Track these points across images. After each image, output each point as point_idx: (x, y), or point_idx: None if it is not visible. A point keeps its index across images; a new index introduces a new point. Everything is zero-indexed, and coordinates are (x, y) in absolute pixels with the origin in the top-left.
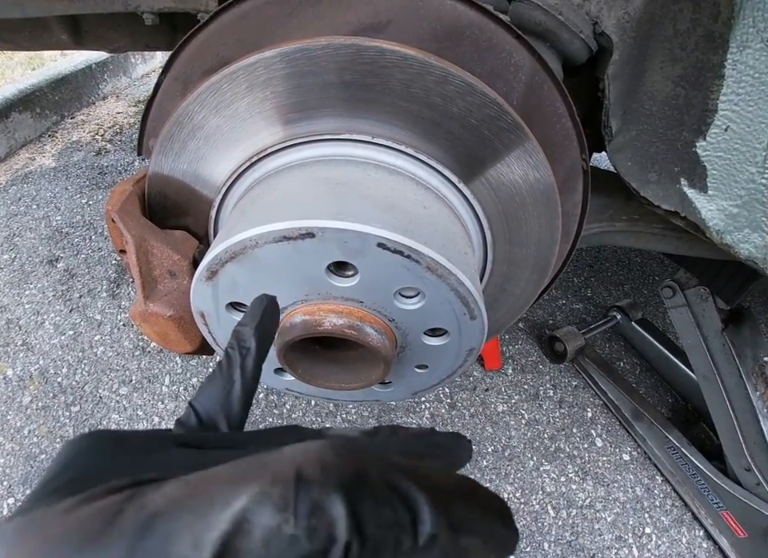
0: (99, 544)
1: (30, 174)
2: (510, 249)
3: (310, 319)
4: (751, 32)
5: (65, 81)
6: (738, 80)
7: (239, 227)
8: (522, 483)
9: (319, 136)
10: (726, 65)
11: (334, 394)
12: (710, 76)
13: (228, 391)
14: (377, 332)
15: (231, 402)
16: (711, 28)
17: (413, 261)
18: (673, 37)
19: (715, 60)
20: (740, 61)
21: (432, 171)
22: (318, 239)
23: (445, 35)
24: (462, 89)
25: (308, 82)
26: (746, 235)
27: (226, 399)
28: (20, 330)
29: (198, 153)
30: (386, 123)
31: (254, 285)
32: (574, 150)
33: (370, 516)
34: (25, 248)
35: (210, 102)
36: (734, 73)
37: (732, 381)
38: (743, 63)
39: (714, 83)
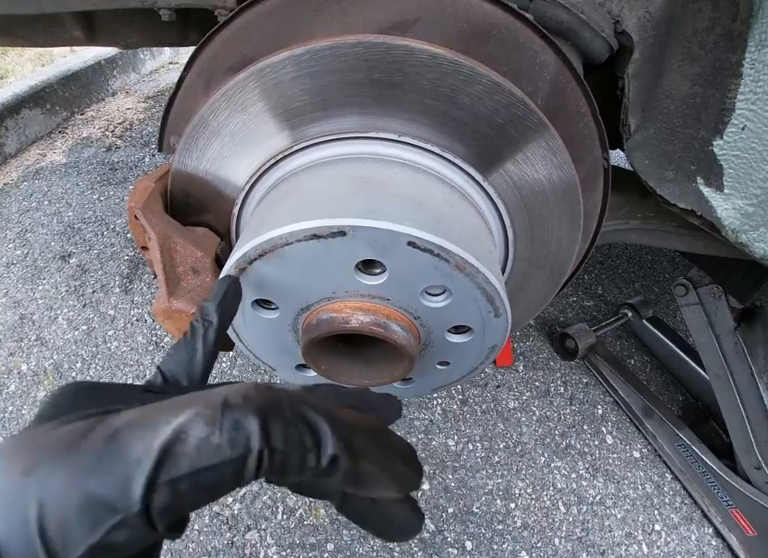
0: (76, 450)
1: (41, 170)
2: (531, 247)
3: (338, 316)
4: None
5: (74, 77)
6: (755, 79)
7: (268, 225)
8: (533, 479)
9: (345, 134)
10: (744, 64)
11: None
12: (727, 75)
13: (191, 357)
14: (403, 330)
15: (193, 366)
16: (730, 27)
17: (442, 259)
18: (692, 35)
19: (733, 59)
20: (758, 61)
21: (457, 169)
22: (348, 237)
23: (472, 34)
24: (489, 89)
25: (336, 80)
26: (761, 234)
27: (189, 363)
28: (33, 325)
29: (222, 150)
30: (413, 121)
31: (281, 283)
32: (596, 149)
33: (279, 434)
34: (37, 243)
35: (237, 100)
36: (751, 73)
37: (744, 380)
38: (761, 62)
39: (732, 82)
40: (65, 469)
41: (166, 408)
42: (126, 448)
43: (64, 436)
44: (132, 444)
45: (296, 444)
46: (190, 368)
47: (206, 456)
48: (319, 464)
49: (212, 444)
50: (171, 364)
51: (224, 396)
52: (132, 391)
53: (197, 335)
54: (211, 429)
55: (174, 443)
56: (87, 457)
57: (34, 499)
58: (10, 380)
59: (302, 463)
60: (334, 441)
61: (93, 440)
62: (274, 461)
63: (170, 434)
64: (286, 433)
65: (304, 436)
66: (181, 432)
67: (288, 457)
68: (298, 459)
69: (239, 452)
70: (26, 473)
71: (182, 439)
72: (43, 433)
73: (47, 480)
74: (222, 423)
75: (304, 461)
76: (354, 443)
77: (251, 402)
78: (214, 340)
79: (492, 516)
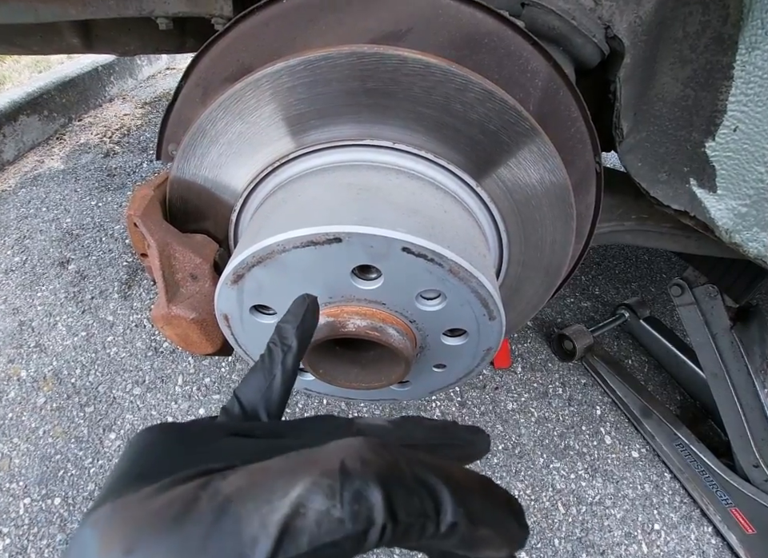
0: (181, 525)
1: (39, 177)
2: (525, 250)
3: (335, 321)
4: (760, 34)
5: (72, 83)
6: (746, 81)
7: (265, 232)
8: (532, 480)
9: (341, 142)
10: (735, 67)
11: (351, 393)
12: (719, 77)
13: (269, 384)
14: (399, 334)
15: (271, 394)
16: (720, 30)
17: (436, 264)
18: (683, 39)
19: (724, 61)
20: (749, 63)
21: (450, 175)
22: (344, 244)
23: (464, 43)
24: (482, 97)
25: (332, 90)
26: (754, 234)
27: (267, 390)
28: (33, 332)
29: (220, 159)
30: (407, 129)
31: (278, 288)
32: (588, 153)
33: (402, 503)
34: (36, 250)
35: (234, 109)
36: (742, 75)
37: (740, 378)
38: (752, 64)
39: (723, 84)
40: (171, 548)
41: (278, 473)
42: (239, 525)
43: (166, 507)
44: (246, 520)
45: (418, 513)
46: (269, 396)
47: (327, 531)
48: (438, 532)
49: (333, 519)
50: (249, 393)
51: (341, 461)
52: (217, 433)
53: (275, 360)
54: (332, 502)
55: (293, 518)
56: (196, 534)
57: None
58: (9, 387)
59: (422, 531)
60: (453, 508)
61: (201, 514)
62: (396, 532)
63: (288, 508)
64: (408, 503)
65: (425, 503)
66: (300, 505)
67: (409, 528)
68: (419, 528)
69: (362, 526)
70: (128, 552)
71: (302, 513)
72: (141, 503)
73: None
74: (342, 494)
75: (424, 530)
76: (472, 508)
77: (371, 468)
78: (292, 366)
79: None
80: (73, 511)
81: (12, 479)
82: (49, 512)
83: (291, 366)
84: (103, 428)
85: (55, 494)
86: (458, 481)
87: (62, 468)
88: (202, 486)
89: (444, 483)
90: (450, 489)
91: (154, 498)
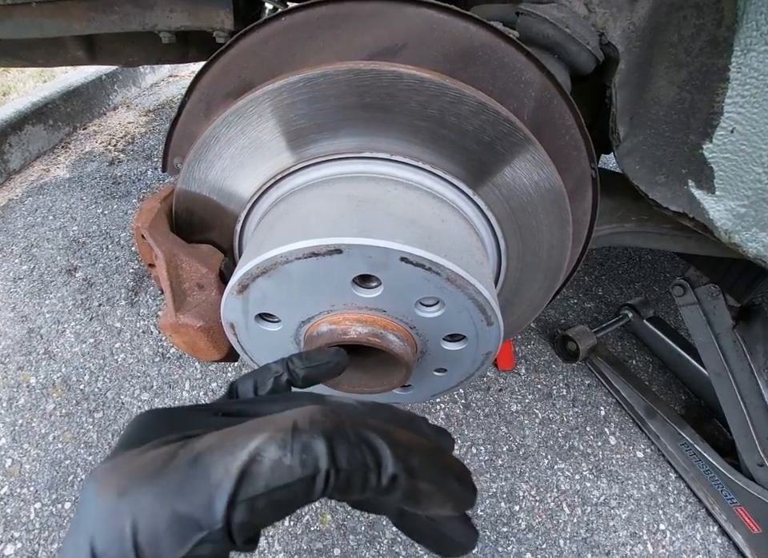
0: (163, 473)
1: (45, 185)
2: (523, 255)
3: (336, 328)
4: (755, 35)
5: (76, 92)
6: (742, 82)
7: (269, 244)
8: (537, 481)
9: (340, 154)
10: (731, 69)
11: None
12: (715, 79)
13: (263, 381)
14: (399, 340)
15: (265, 389)
16: (715, 33)
17: (433, 272)
18: (678, 43)
19: (720, 64)
20: (744, 64)
21: (448, 185)
22: (345, 255)
23: (458, 56)
24: (475, 109)
25: (330, 105)
26: (753, 234)
27: (261, 387)
28: (41, 339)
29: (224, 172)
30: (404, 141)
31: (282, 297)
32: (583, 160)
33: (344, 454)
34: (43, 258)
35: (237, 124)
36: (738, 76)
37: (744, 377)
38: (747, 66)
39: (719, 86)
40: (154, 491)
41: (241, 433)
42: (207, 471)
43: (151, 461)
44: (213, 467)
45: (359, 464)
46: (261, 388)
47: (280, 476)
48: (380, 483)
49: (284, 466)
50: (243, 385)
51: (293, 421)
52: (204, 413)
53: (272, 370)
54: (283, 452)
55: (250, 465)
56: (174, 479)
57: (129, 517)
58: (19, 394)
59: (365, 481)
60: (393, 462)
61: (177, 465)
62: (340, 480)
63: (246, 457)
64: (349, 454)
65: (366, 456)
66: (256, 455)
67: (352, 476)
68: (361, 478)
69: (309, 471)
70: (121, 494)
71: (258, 461)
72: (132, 459)
73: (139, 500)
74: (292, 446)
75: (366, 480)
76: (412, 463)
77: (317, 425)
78: (286, 385)
79: (496, 518)
80: None
81: (23, 484)
82: (59, 516)
83: (285, 385)
84: (112, 434)
85: (65, 498)
86: (400, 441)
87: (71, 473)
88: (180, 446)
89: (385, 441)
90: (391, 446)
91: (142, 455)
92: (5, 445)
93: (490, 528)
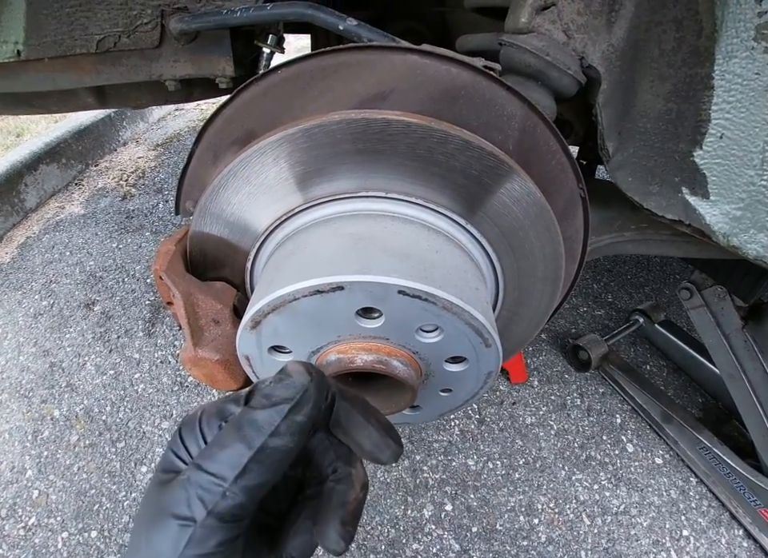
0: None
1: (61, 222)
2: (520, 274)
3: (344, 357)
4: (735, 42)
5: (87, 131)
6: (727, 89)
7: (277, 283)
8: (555, 493)
9: (339, 195)
10: (715, 77)
11: None
12: (699, 88)
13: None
14: (403, 365)
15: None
16: (696, 43)
17: (430, 302)
18: (659, 57)
19: (703, 72)
20: (728, 71)
21: (441, 216)
22: (347, 291)
23: (442, 97)
24: (461, 147)
25: (327, 152)
26: (751, 236)
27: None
28: (63, 372)
29: (232, 216)
30: (398, 180)
31: (292, 331)
32: (571, 182)
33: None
34: (62, 293)
35: (242, 174)
36: (722, 83)
37: (757, 377)
38: (731, 72)
39: (705, 94)
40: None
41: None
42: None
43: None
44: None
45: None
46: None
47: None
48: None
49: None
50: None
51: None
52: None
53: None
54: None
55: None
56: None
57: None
58: (43, 426)
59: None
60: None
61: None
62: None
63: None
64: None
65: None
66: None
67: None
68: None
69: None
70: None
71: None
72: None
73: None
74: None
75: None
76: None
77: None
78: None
79: (516, 532)
80: (109, 543)
81: (50, 514)
82: (86, 544)
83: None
84: (135, 462)
85: (91, 527)
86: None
87: (96, 503)
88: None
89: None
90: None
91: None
92: (31, 477)
93: (509, 543)
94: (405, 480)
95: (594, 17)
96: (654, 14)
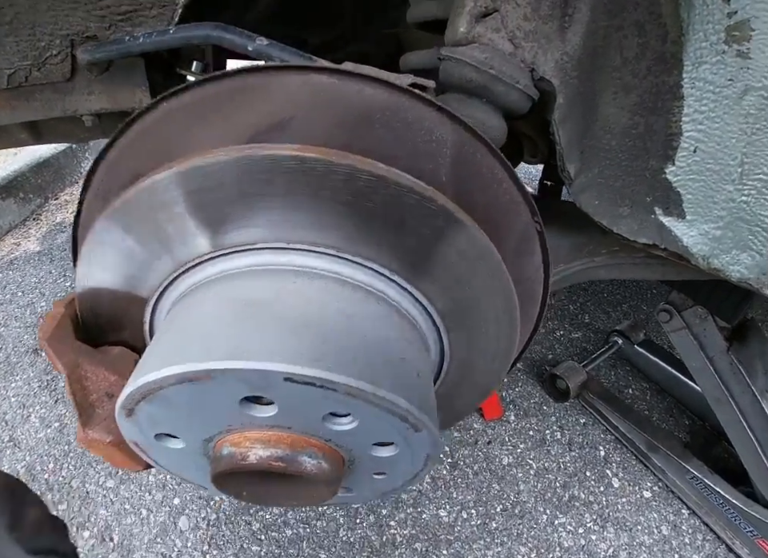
0: None
1: (15, 260)
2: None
3: (236, 451)
4: (704, 46)
5: (46, 163)
6: (698, 98)
7: (149, 365)
8: (536, 541)
9: (229, 249)
10: (684, 85)
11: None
12: (668, 98)
13: None
14: (311, 458)
15: None
16: (661, 49)
17: (327, 389)
18: (621, 66)
19: (671, 81)
20: (698, 78)
21: (359, 266)
22: (218, 380)
23: (355, 122)
24: (371, 184)
25: (209, 198)
26: (734, 257)
27: None
28: (6, 426)
29: (116, 273)
30: (299, 228)
31: (173, 419)
32: (524, 214)
33: None
34: (10, 338)
35: (116, 228)
36: (693, 92)
37: (746, 401)
38: (701, 79)
39: (674, 105)
40: None
41: None
42: None
43: None
44: None
45: None
46: None
47: None
48: None
49: None
50: None
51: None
52: None
53: None
54: None
55: None
56: None
57: None
58: None
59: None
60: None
61: None
62: None
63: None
64: None
65: None
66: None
67: None
68: None
69: None
70: None
71: None
72: None
73: None
74: None
75: None
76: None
77: None
78: None
79: None
80: None
81: None
82: None
83: None
84: (77, 527)
85: None
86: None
87: None
88: None
89: None
90: None
91: None
92: None
93: None
94: (370, 538)
95: (543, 23)
96: (612, 18)
